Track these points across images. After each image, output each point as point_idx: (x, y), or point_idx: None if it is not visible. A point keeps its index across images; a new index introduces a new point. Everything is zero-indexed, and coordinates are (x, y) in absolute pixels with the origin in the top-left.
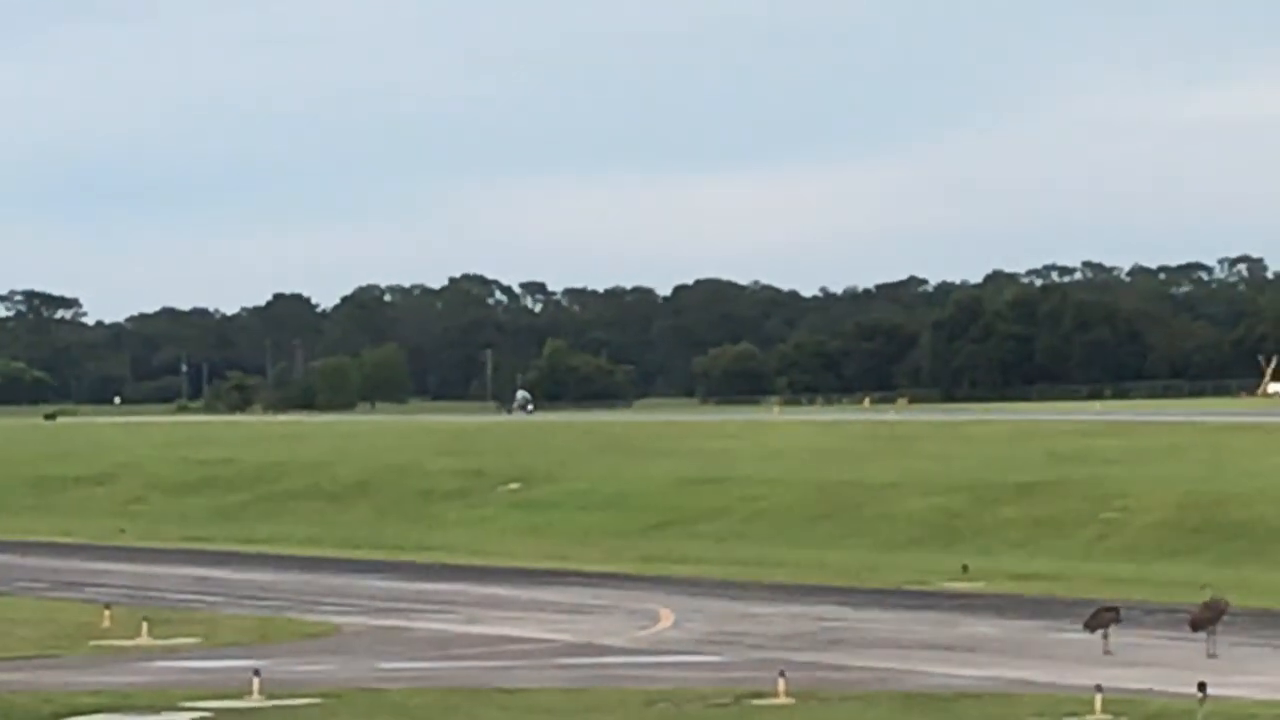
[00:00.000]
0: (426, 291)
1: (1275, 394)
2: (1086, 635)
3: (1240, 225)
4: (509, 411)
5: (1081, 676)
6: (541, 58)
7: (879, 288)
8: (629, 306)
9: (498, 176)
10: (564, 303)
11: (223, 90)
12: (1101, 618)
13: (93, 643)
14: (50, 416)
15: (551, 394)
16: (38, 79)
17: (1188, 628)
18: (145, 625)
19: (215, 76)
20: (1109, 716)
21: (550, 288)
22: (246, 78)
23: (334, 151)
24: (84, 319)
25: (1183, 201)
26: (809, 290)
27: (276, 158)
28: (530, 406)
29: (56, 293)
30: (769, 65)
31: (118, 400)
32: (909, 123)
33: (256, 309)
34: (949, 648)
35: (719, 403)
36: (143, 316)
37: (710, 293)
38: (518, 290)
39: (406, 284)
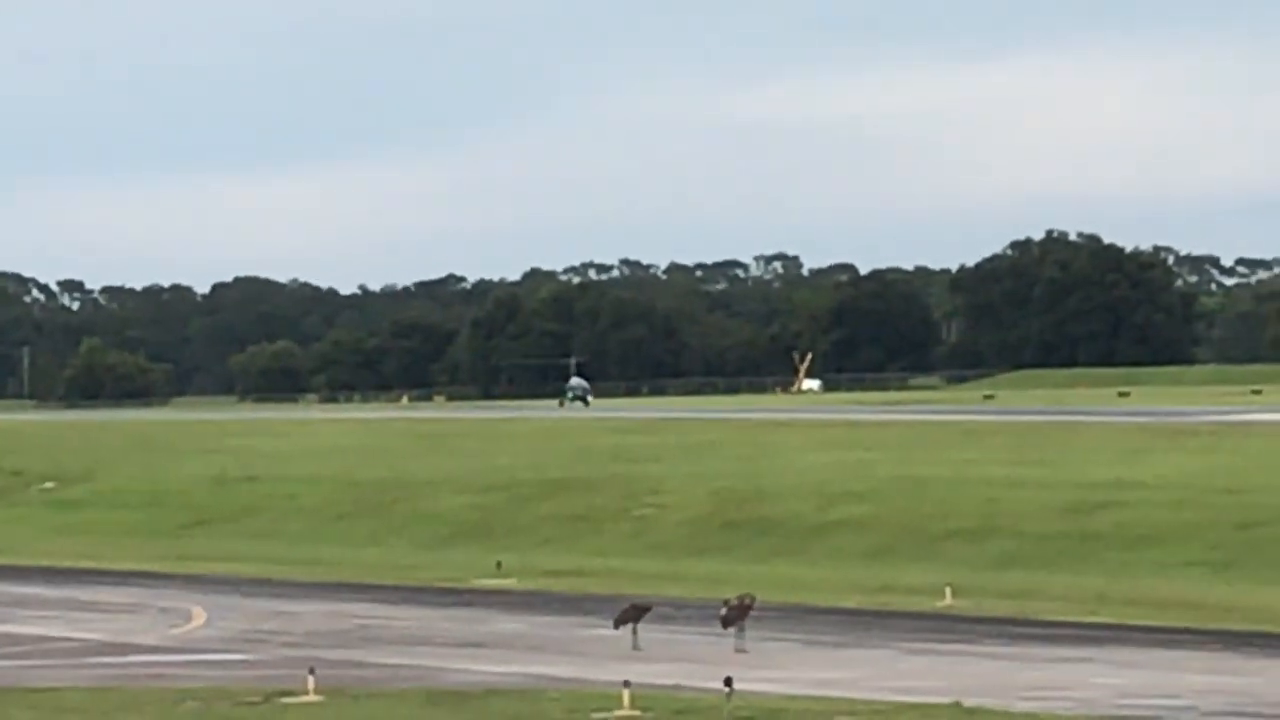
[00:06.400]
0: None
1: (809, 390)
2: (617, 631)
3: (775, 223)
4: (561, 404)
5: (610, 672)
6: (81, 55)
7: (418, 285)
8: (167, 305)
9: (35, 174)
10: (102, 301)
11: None
12: (630, 613)
13: None
14: None
15: (89, 393)
16: None
17: (718, 623)
18: None
19: None
20: (637, 712)
21: (88, 286)
22: None
23: None
24: None
25: (718, 200)
26: (347, 288)
27: None
28: (589, 398)
29: None
30: (309, 67)
31: None
32: (447, 122)
33: None
34: (479, 644)
35: (257, 400)
36: None
37: (249, 291)
38: (55, 288)
39: None
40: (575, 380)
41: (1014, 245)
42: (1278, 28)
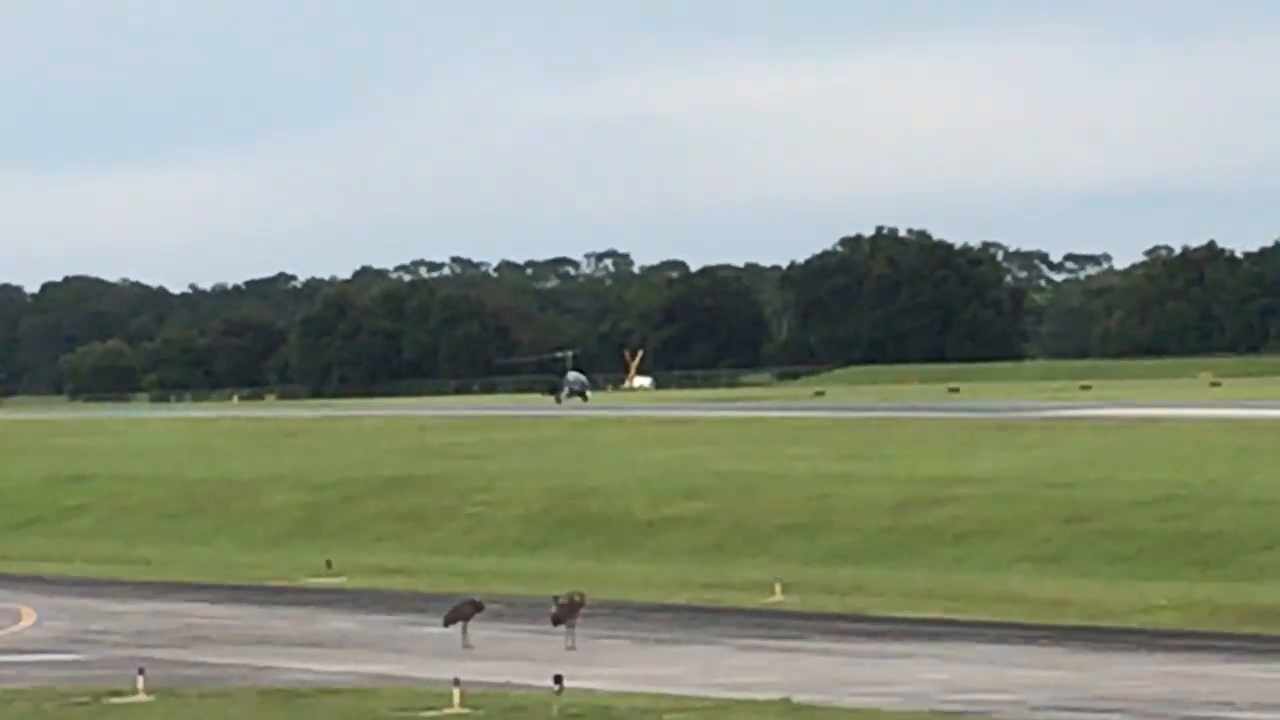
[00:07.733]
0: None
1: (640, 388)
2: (447, 630)
3: (606, 221)
4: (558, 400)
5: (441, 670)
6: None
7: (248, 284)
8: None
9: None
10: None
11: None
12: (461, 611)
13: None
14: None
15: None
16: None
17: (549, 621)
18: None
19: None
20: (467, 710)
21: None
22: None
23: None
24: None
25: (549, 197)
26: (178, 287)
27: None
28: (587, 393)
29: None
30: (139, 64)
31: None
32: (277, 119)
33: None
34: (310, 644)
35: (88, 400)
36: None
37: (79, 290)
38: None
39: None
40: (573, 375)
41: (844, 241)
42: (1106, 22)
